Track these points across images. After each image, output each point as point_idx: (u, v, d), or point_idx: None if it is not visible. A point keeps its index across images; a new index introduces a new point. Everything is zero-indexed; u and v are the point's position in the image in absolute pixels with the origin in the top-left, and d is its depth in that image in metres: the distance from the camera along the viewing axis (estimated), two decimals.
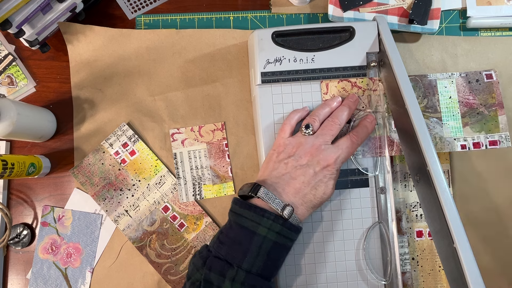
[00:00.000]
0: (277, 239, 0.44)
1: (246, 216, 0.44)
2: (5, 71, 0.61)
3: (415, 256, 0.56)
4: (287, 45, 0.54)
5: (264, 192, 0.45)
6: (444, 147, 0.53)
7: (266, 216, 0.44)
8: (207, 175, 0.57)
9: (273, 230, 0.44)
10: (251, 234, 0.44)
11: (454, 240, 0.38)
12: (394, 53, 0.49)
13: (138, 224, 0.57)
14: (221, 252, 0.44)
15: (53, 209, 0.58)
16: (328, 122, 0.49)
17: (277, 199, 0.44)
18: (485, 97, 0.53)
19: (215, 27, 0.61)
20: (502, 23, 0.59)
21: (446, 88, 0.54)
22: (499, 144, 0.53)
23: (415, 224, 0.56)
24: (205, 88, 0.59)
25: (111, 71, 0.60)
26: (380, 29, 0.53)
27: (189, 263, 0.46)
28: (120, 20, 0.62)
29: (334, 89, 0.53)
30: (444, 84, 0.54)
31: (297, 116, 0.51)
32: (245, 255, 0.43)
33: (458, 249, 0.38)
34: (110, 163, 0.58)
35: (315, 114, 0.50)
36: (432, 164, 0.42)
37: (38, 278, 0.57)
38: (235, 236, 0.44)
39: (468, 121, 0.53)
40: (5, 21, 0.51)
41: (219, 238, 0.45)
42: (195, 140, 0.58)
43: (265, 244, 0.43)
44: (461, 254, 0.38)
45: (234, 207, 0.46)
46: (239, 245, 0.43)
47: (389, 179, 0.52)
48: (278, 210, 0.44)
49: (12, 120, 0.50)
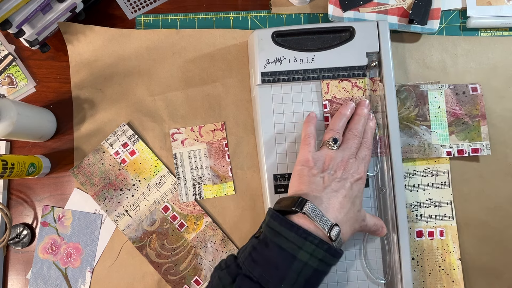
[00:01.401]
0: (318, 266, 0.40)
1: (286, 236, 0.40)
2: (5, 71, 0.61)
3: (415, 256, 0.56)
4: (287, 45, 0.54)
5: (311, 207, 0.41)
6: (432, 153, 0.56)
7: (310, 240, 0.40)
8: (207, 175, 0.57)
9: (316, 256, 0.40)
10: (290, 258, 0.39)
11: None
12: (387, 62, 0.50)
13: (138, 224, 0.57)
14: (254, 272, 0.40)
15: (53, 209, 0.58)
16: (350, 136, 0.48)
17: (324, 216, 0.41)
18: (470, 108, 0.57)
19: (215, 27, 0.61)
20: (502, 23, 0.59)
21: (436, 99, 0.57)
22: (480, 152, 0.56)
23: (415, 224, 0.56)
24: (205, 88, 0.59)
25: (111, 71, 0.60)
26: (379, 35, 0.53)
27: (213, 275, 0.43)
28: (120, 20, 0.62)
29: (334, 89, 0.53)
30: (434, 94, 0.57)
31: (313, 127, 0.50)
32: (281, 281, 0.39)
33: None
34: (110, 163, 0.58)
35: (336, 127, 0.49)
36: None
37: (38, 278, 0.57)
38: (271, 257, 0.40)
39: (454, 129, 0.57)
40: (5, 21, 0.50)
41: (252, 255, 0.41)
42: (195, 140, 0.58)
43: (304, 271, 0.39)
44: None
45: (271, 223, 0.42)
46: (276, 269, 0.39)
47: (389, 179, 0.52)
48: (325, 230, 0.40)
49: (12, 120, 0.50)
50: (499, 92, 0.59)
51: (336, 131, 0.49)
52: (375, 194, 0.53)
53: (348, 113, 0.51)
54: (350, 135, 0.49)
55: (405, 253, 0.50)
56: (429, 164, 0.57)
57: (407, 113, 0.57)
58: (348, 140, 0.48)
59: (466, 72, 0.59)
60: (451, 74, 0.59)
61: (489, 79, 0.59)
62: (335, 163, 0.46)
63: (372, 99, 0.53)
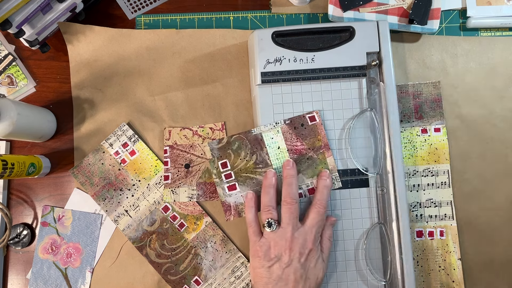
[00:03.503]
0: None
1: None
2: (5, 71, 0.61)
3: (415, 256, 0.56)
4: (287, 45, 0.54)
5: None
6: None
7: None
8: None
9: None
10: None
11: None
12: (388, 62, 0.49)
13: (138, 224, 0.57)
14: None
15: (53, 209, 0.58)
16: (284, 207, 0.48)
17: None
18: (312, 141, 0.52)
19: (215, 27, 0.61)
20: (502, 23, 0.59)
21: (273, 139, 0.53)
22: (332, 186, 0.52)
23: (415, 224, 0.56)
24: (205, 88, 0.59)
25: (111, 71, 0.60)
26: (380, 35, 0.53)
27: None
28: (120, 20, 0.62)
29: (176, 136, 0.56)
30: (270, 135, 0.53)
31: (253, 211, 0.50)
32: None
33: None
34: (110, 163, 0.58)
35: (266, 204, 0.49)
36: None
37: (38, 278, 0.57)
38: None
39: (300, 168, 0.52)
40: (5, 21, 0.51)
41: None
42: None
43: None
44: None
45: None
46: None
47: (389, 179, 0.52)
48: None
49: (12, 120, 0.50)
50: (499, 92, 0.59)
51: (267, 209, 0.48)
52: (376, 194, 0.53)
53: (273, 182, 0.50)
54: (284, 206, 0.48)
55: (407, 255, 0.50)
56: (429, 164, 0.57)
57: (244, 163, 0.52)
58: (284, 213, 0.48)
59: (466, 72, 0.59)
60: (451, 74, 0.59)
61: (489, 79, 0.59)
62: (280, 247, 0.47)
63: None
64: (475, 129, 0.58)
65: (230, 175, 0.53)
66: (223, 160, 0.53)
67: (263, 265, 0.47)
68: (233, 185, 0.53)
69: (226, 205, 0.52)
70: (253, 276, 0.49)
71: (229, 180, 0.53)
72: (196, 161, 0.57)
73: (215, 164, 0.53)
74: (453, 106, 0.59)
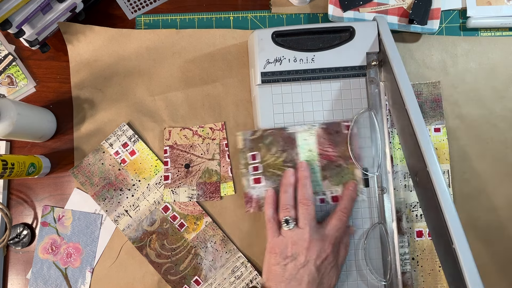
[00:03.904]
0: None
1: None
2: (5, 71, 0.61)
3: (415, 256, 0.56)
4: (287, 45, 0.54)
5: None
6: None
7: None
8: None
9: None
10: None
11: (453, 241, 0.38)
12: (394, 53, 0.49)
13: (138, 224, 0.57)
14: None
15: (53, 209, 0.58)
16: (301, 208, 0.48)
17: None
18: (343, 149, 0.52)
19: (215, 27, 0.61)
20: (502, 23, 0.59)
21: (305, 141, 0.52)
22: (356, 199, 0.52)
23: (415, 224, 0.56)
24: (205, 88, 0.59)
25: (111, 71, 0.60)
26: (380, 29, 0.53)
27: None
28: (120, 20, 0.62)
29: (176, 136, 0.56)
30: (304, 136, 0.52)
31: (273, 208, 0.50)
32: None
33: (457, 249, 0.38)
34: (110, 163, 0.58)
35: (284, 203, 0.49)
36: (432, 165, 0.42)
37: (38, 278, 0.57)
38: None
39: (327, 174, 0.52)
40: (5, 21, 0.50)
41: None
42: None
43: None
44: (460, 255, 0.38)
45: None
46: None
47: (389, 179, 0.52)
48: None
49: (12, 120, 0.50)
50: (499, 92, 0.59)
51: (285, 207, 0.48)
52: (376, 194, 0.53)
53: (291, 181, 0.50)
54: (301, 207, 0.48)
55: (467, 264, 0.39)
56: None
57: (273, 159, 0.52)
58: (301, 214, 0.48)
59: (466, 72, 0.59)
60: (451, 74, 0.59)
61: (489, 79, 0.59)
62: (297, 247, 0.46)
63: (210, 147, 0.54)
64: (475, 129, 0.58)
65: (258, 168, 0.52)
66: (254, 152, 0.52)
67: (278, 262, 0.47)
68: (259, 178, 0.52)
69: (248, 197, 0.52)
70: (267, 272, 0.48)
71: (256, 173, 0.52)
72: (196, 161, 0.57)
73: (245, 155, 0.53)
74: (453, 106, 0.59)
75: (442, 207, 0.40)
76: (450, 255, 0.39)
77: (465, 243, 0.38)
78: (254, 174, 0.52)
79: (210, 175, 0.57)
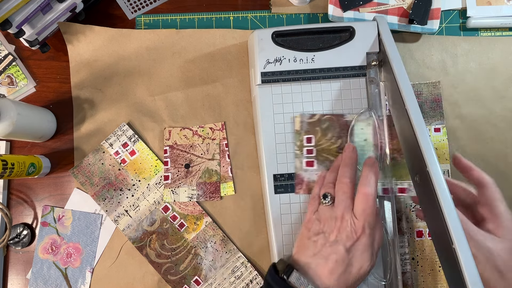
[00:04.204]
0: None
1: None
2: (5, 71, 0.61)
3: (415, 256, 0.56)
4: (287, 45, 0.54)
5: (295, 277, 0.43)
6: None
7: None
8: None
9: None
10: None
11: (453, 241, 0.38)
12: (394, 53, 0.49)
13: (138, 224, 0.57)
14: None
15: (53, 209, 0.58)
16: (338, 186, 0.47)
17: (309, 284, 0.42)
18: (398, 143, 0.52)
19: (215, 27, 0.61)
20: (502, 23, 0.59)
21: (362, 130, 0.52)
22: (407, 192, 0.52)
23: (415, 224, 0.56)
24: (205, 88, 0.59)
25: (111, 71, 0.60)
26: (380, 29, 0.53)
27: None
28: (120, 20, 0.62)
29: (176, 136, 0.56)
30: (361, 126, 0.52)
31: (319, 187, 0.50)
32: None
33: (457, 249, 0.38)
34: (110, 163, 0.58)
35: (328, 181, 0.49)
36: (432, 165, 0.42)
37: (38, 278, 0.57)
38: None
39: (380, 165, 0.51)
40: (5, 21, 0.51)
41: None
42: None
43: None
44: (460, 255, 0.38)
45: (268, 277, 0.45)
46: None
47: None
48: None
49: (12, 120, 0.50)
50: (499, 92, 0.59)
51: (328, 185, 0.48)
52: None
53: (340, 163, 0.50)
54: (338, 185, 0.47)
55: None
56: None
57: (328, 144, 0.52)
58: (338, 191, 0.47)
59: (466, 72, 0.59)
60: (451, 74, 0.59)
61: (489, 79, 0.59)
62: (330, 224, 0.46)
63: (210, 147, 0.54)
64: (475, 129, 0.58)
65: (312, 151, 0.52)
66: (310, 135, 0.53)
67: (309, 237, 0.47)
68: (312, 161, 0.52)
69: (299, 178, 0.52)
70: (298, 245, 0.48)
71: (309, 156, 0.52)
72: (196, 161, 0.57)
73: (301, 137, 0.53)
74: (453, 106, 0.59)
75: (442, 207, 0.40)
76: (450, 255, 0.39)
77: (465, 243, 0.38)
78: (307, 156, 0.52)
79: (210, 175, 0.57)
